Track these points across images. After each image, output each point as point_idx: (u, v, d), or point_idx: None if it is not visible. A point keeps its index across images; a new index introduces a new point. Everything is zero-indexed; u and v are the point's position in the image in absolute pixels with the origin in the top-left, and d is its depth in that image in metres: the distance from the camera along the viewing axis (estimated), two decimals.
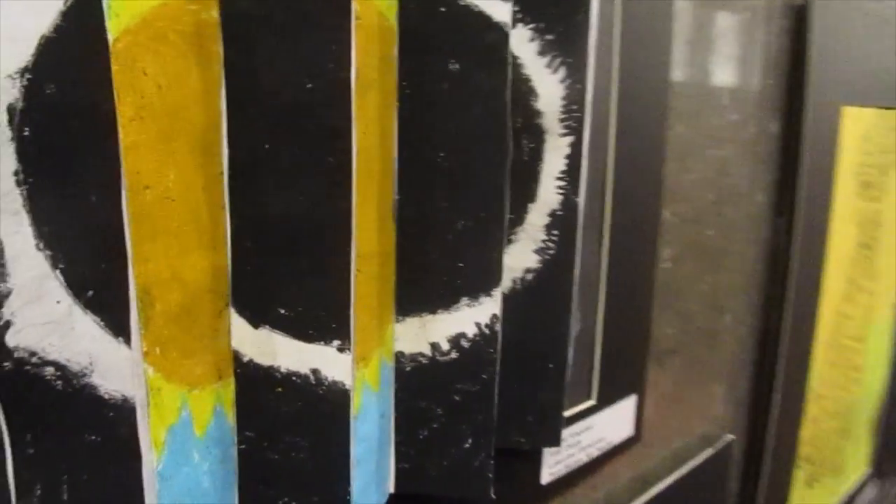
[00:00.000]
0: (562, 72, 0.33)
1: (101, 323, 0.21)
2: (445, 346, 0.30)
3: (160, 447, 0.22)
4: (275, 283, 0.25)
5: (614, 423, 0.45)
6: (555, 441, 0.37)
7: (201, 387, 0.24)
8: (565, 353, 0.35)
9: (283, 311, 0.25)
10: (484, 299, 0.30)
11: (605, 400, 0.44)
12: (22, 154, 0.19)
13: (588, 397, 0.43)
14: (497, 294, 0.30)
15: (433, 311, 0.30)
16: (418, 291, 0.30)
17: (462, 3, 0.28)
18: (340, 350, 0.26)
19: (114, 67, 0.20)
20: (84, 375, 0.21)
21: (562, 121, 0.33)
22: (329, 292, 0.25)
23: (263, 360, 0.25)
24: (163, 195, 0.22)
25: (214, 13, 0.23)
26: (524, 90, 0.33)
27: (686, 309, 0.53)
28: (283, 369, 0.26)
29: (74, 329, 0.21)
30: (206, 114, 0.23)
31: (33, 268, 0.20)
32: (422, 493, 0.32)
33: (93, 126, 0.20)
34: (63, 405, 0.21)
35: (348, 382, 0.26)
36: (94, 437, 0.22)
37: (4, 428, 0.21)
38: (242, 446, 0.26)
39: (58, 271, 0.20)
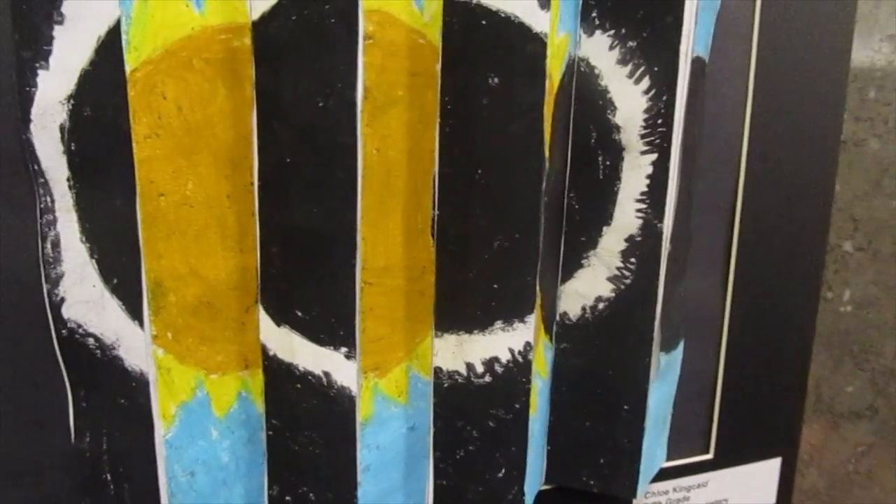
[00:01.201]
0: (645, 82, 0.29)
1: (123, 307, 0.25)
2: (480, 369, 0.29)
3: (170, 419, 0.26)
4: (294, 286, 0.27)
5: (746, 485, 0.39)
6: (629, 491, 0.33)
7: (222, 372, 0.27)
8: (644, 394, 0.32)
9: (299, 314, 0.27)
10: (518, 325, 0.28)
11: (730, 456, 0.38)
12: (71, 163, 0.24)
13: (704, 450, 0.38)
14: (531, 321, 0.28)
15: (469, 331, 0.29)
16: (455, 308, 0.29)
17: (503, 16, 0.26)
18: (348, 357, 0.27)
19: (130, 93, 0.23)
20: (114, 349, 0.25)
21: (643, 136, 0.29)
22: (337, 300, 0.26)
23: (284, 357, 0.27)
24: (180, 202, 0.25)
25: (247, 40, 0.25)
26: (600, 103, 0.30)
27: (881, 365, 0.43)
28: (300, 367, 0.27)
29: (105, 309, 0.25)
30: (235, 130, 0.26)
31: (78, 256, 0.25)
32: None
33: (116, 142, 0.24)
34: (102, 371, 0.26)
35: (354, 389, 0.27)
36: (122, 401, 0.26)
37: (67, 382, 0.26)
38: (270, 433, 0.28)
39: (93, 260, 0.25)
